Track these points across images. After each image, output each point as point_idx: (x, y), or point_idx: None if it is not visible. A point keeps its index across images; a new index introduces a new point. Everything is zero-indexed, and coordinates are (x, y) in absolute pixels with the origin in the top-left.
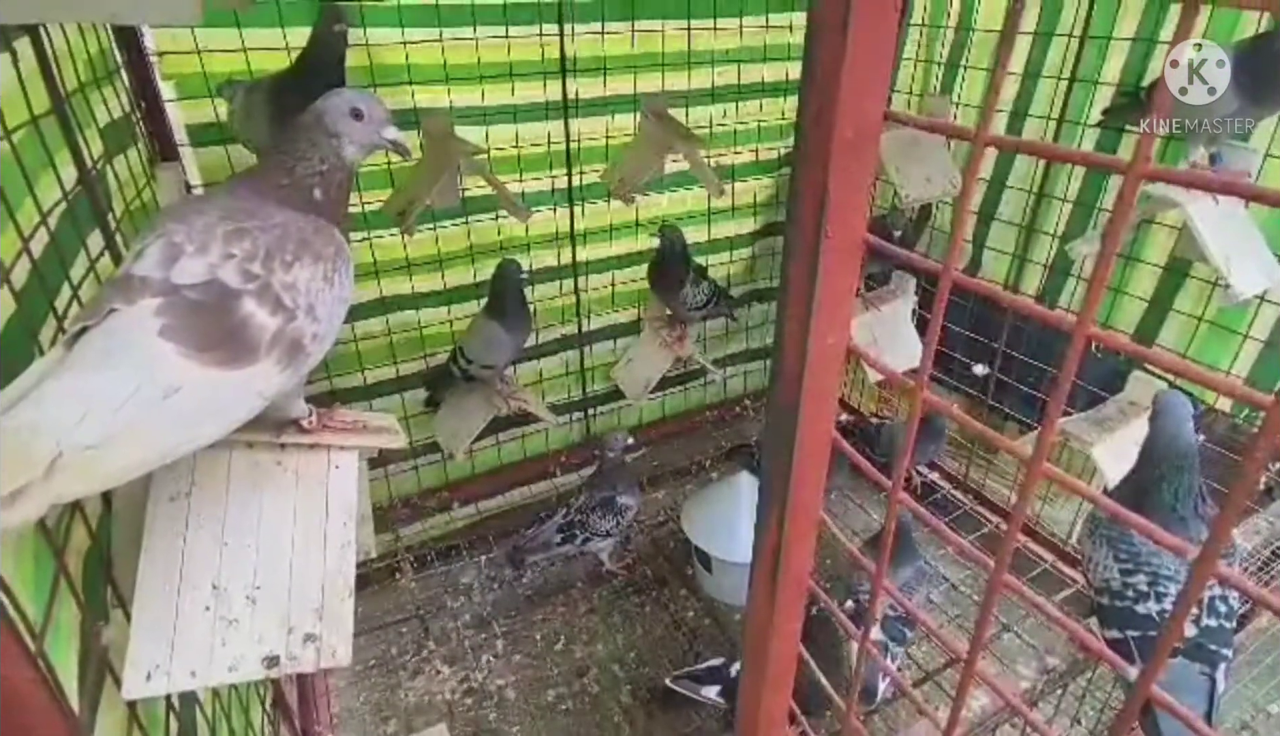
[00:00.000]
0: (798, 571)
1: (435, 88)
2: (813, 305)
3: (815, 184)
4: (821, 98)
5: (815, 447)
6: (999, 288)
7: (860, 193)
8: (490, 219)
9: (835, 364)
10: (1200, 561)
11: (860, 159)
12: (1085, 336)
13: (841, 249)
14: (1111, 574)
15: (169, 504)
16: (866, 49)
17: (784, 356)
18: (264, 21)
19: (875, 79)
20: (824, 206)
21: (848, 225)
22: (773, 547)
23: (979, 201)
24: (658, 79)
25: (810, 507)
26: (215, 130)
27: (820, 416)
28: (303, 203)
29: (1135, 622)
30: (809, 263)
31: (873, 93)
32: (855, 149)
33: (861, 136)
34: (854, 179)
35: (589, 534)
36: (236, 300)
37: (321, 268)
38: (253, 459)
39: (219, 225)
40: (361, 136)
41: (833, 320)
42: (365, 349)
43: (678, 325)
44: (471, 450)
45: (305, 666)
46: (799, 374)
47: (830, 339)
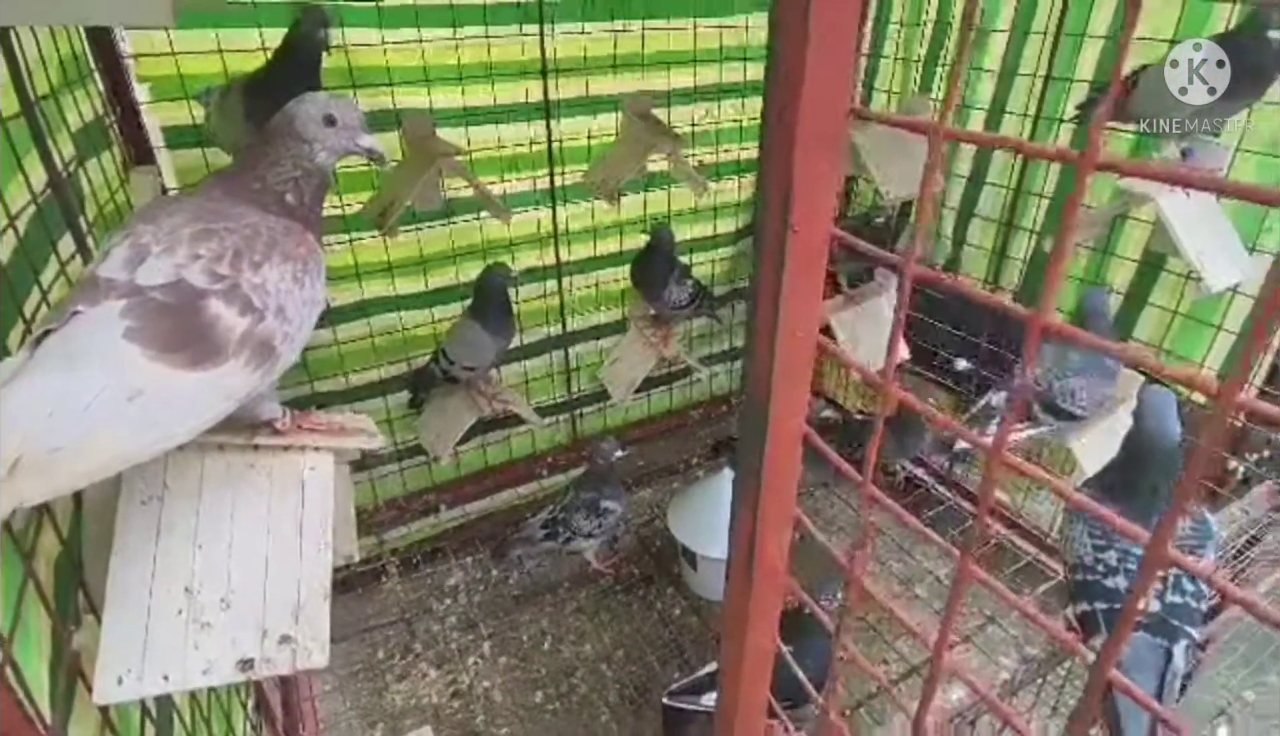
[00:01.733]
0: (773, 564)
1: (415, 89)
2: (781, 300)
3: (781, 181)
4: (785, 96)
5: (787, 440)
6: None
7: (826, 189)
8: (473, 220)
9: (805, 357)
10: (1151, 546)
11: (825, 155)
12: (1040, 327)
13: (808, 244)
14: (1085, 550)
15: (140, 507)
16: (828, 47)
17: (755, 351)
18: (240, 23)
19: (838, 76)
20: (789, 202)
21: (814, 221)
22: (747, 540)
23: (958, 199)
24: (639, 79)
25: (784, 500)
26: (192, 133)
27: (791, 409)
28: (275, 206)
29: (1104, 596)
30: (776, 258)
31: (835, 90)
32: (819, 146)
33: (826, 133)
34: (819, 175)
35: (572, 533)
36: (203, 301)
37: (291, 268)
38: (225, 461)
39: (187, 226)
40: (334, 143)
41: (801, 314)
42: (347, 352)
43: (662, 324)
44: (457, 452)
45: (281, 669)
46: (769, 367)
47: (800, 333)
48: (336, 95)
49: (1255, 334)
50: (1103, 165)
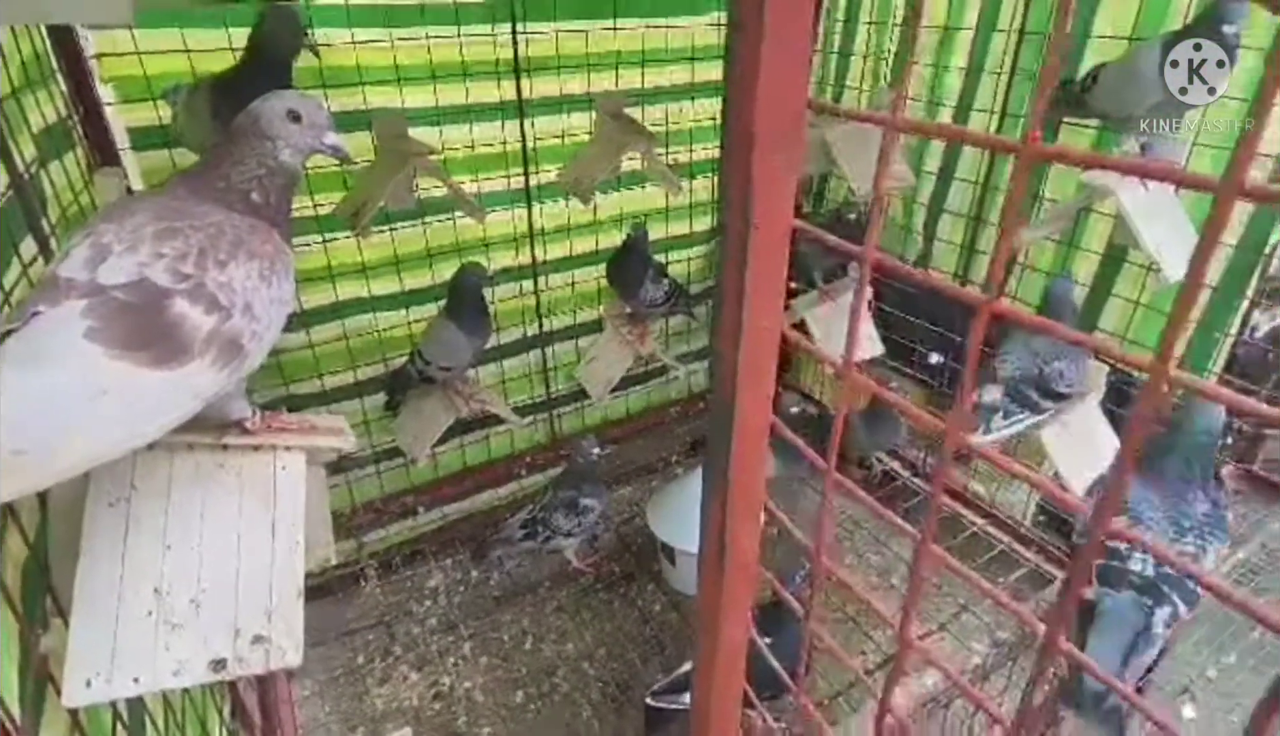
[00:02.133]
0: (744, 555)
1: (387, 89)
2: (745, 292)
3: (741, 177)
4: (742, 93)
5: (753, 434)
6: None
7: (785, 182)
8: (447, 220)
9: (769, 351)
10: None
11: (783, 150)
12: (990, 312)
13: (769, 237)
14: None
15: (108, 509)
16: (783, 44)
17: (720, 344)
18: (206, 22)
19: (794, 73)
20: (750, 198)
21: (774, 214)
22: (717, 534)
23: (928, 194)
24: (612, 78)
25: (752, 492)
26: (158, 133)
27: (757, 403)
28: (240, 204)
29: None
30: (739, 249)
31: (792, 86)
32: (778, 141)
33: (783, 128)
34: (778, 170)
35: (551, 531)
36: (167, 299)
37: (258, 266)
38: (195, 461)
39: (150, 225)
40: (299, 141)
41: (765, 306)
42: (322, 354)
43: (639, 323)
44: (435, 453)
45: (255, 668)
46: (734, 362)
47: (764, 324)
48: (303, 93)
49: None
50: (1041, 154)
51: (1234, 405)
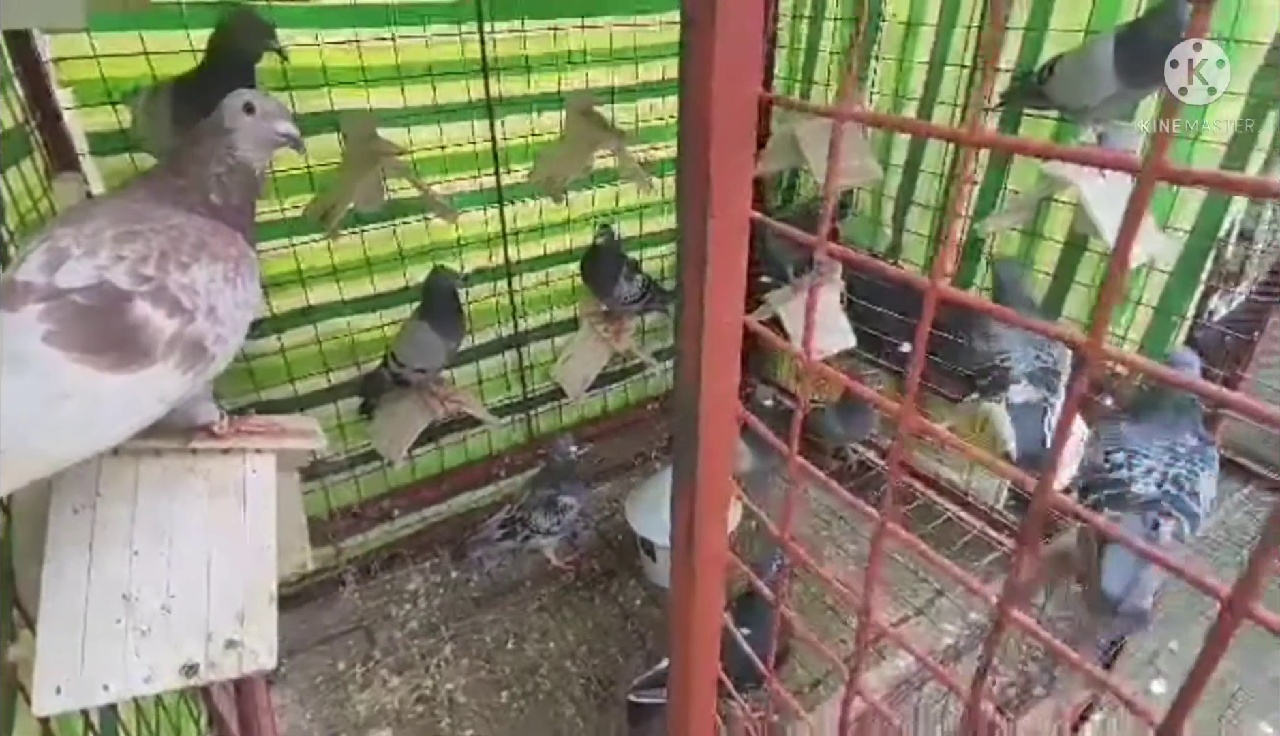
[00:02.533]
0: (714, 546)
1: (353, 90)
2: (706, 283)
3: (699, 169)
4: (697, 87)
5: (720, 425)
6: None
7: (742, 174)
8: (418, 221)
9: (732, 342)
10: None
11: (738, 141)
12: (937, 296)
13: (728, 229)
14: (1099, 459)
15: (72, 516)
16: (735, 38)
17: (684, 336)
18: (166, 24)
19: (747, 64)
20: (708, 189)
21: (732, 206)
22: (687, 526)
23: (895, 187)
24: (582, 76)
25: (720, 484)
26: (119, 138)
27: (722, 394)
28: (201, 207)
29: (1108, 485)
30: (699, 242)
31: (745, 80)
32: (732, 133)
33: (737, 121)
34: (734, 160)
35: (530, 531)
36: (128, 302)
37: (221, 268)
38: (162, 466)
39: (109, 228)
40: (254, 131)
41: (727, 297)
42: (294, 358)
43: (614, 320)
44: (412, 456)
45: (227, 673)
46: (697, 354)
47: (727, 317)
48: (258, 91)
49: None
50: (983, 142)
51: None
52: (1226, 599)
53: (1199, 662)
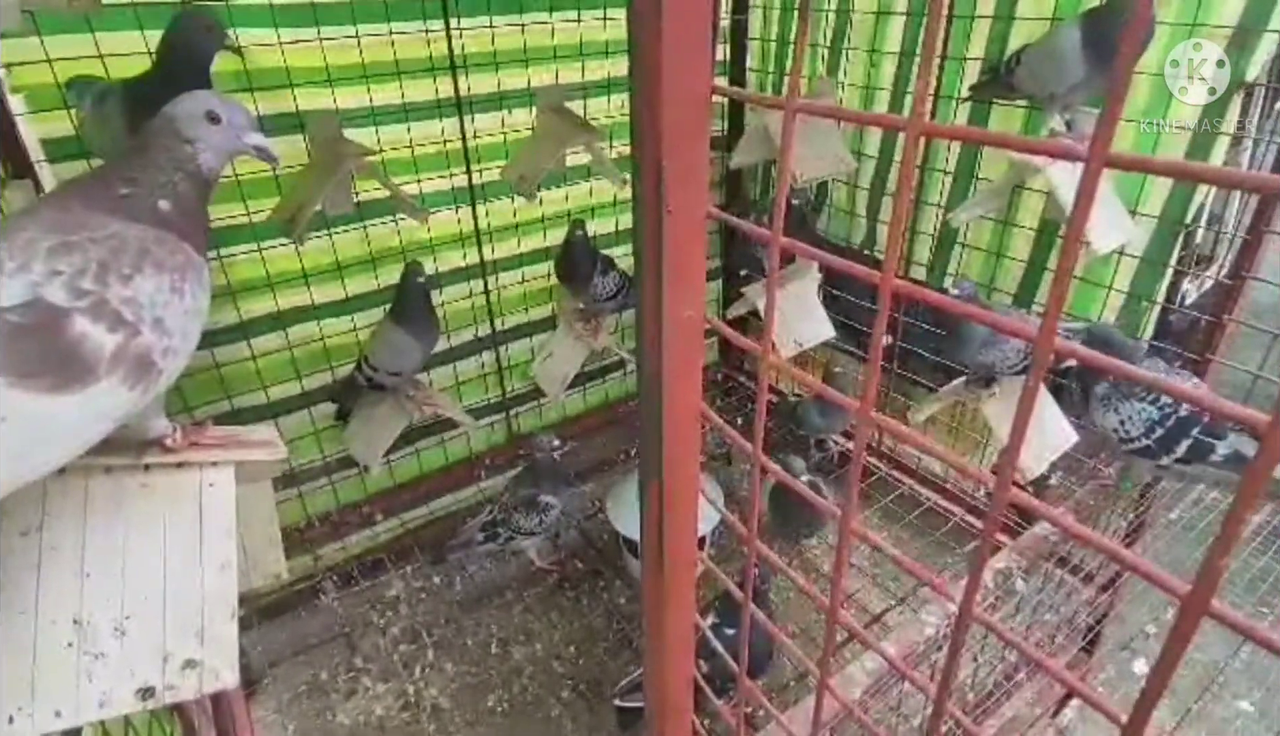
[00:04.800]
0: (683, 545)
1: (318, 90)
2: (663, 280)
3: (651, 162)
4: (646, 79)
5: (684, 420)
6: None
7: (697, 167)
8: (389, 222)
9: (694, 336)
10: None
11: (691, 135)
12: (890, 290)
13: (684, 223)
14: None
15: (20, 539)
16: (682, 30)
17: (644, 332)
18: (120, 24)
19: (696, 58)
20: (661, 183)
21: (688, 200)
22: (656, 523)
23: (869, 178)
24: (551, 72)
25: (687, 481)
26: (74, 143)
27: (685, 389)
28: (146, 216)
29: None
30: (655, 239)
31: (694, 72)
32: (684, 126)
33: (689, 114)
34: (688, 155)
35: (512, 532)
36: (66, 319)
37: (168, 278)
38: (113, 483)
39: (43, 240)
40: (220, 141)
41: (685, 293)
42: (265, 365)
43: (591, 317)
44: (390, 461)
45: (186, 694)
46: (658, 348)
47: (686, 312)
48: (220, 94)
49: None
50: (928, 131)
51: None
52: (1185, 598)
53: (1161, 659)
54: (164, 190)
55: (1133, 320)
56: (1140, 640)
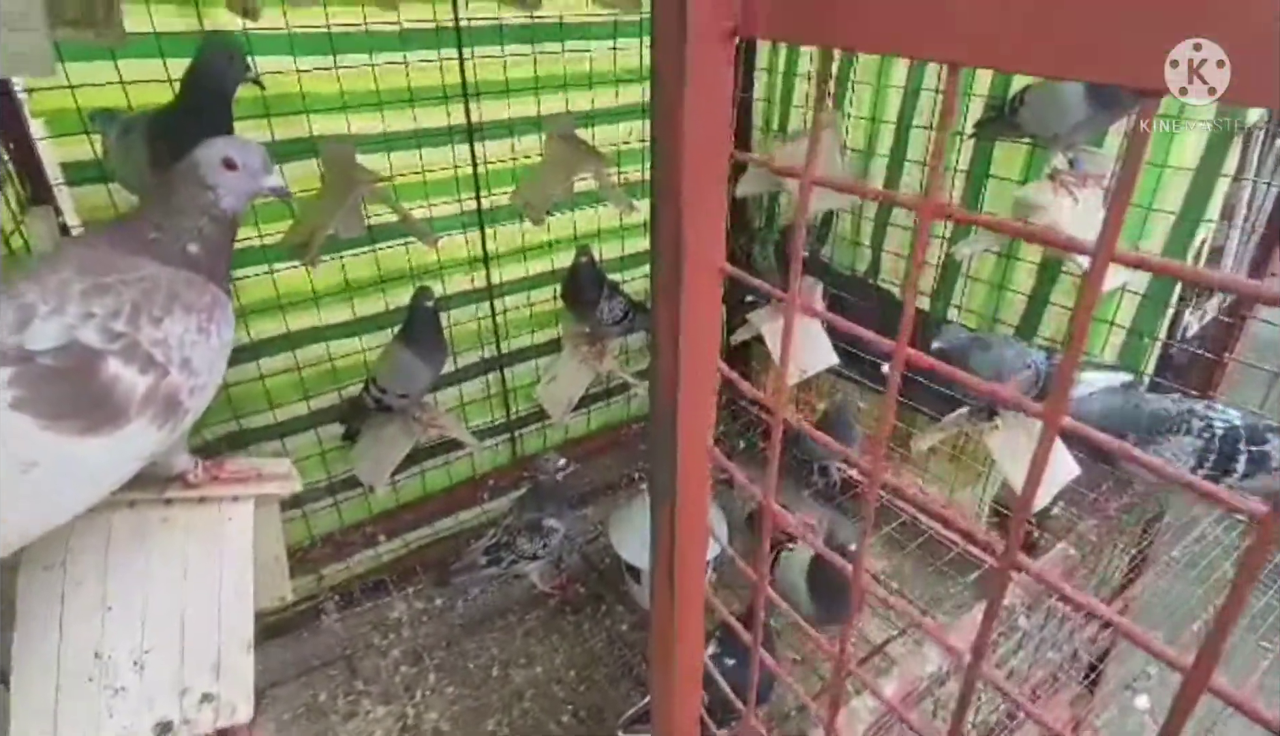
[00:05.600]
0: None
1: (333, 116)
2: (680, 332)
3: (671, 221)
4: (668, 143)
5: (695, 461)
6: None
7: (714, 226)
8: (399, 245)
9: (708, 383)
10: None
11: (709, 195)
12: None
13: (701, 279)
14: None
15: (43, 573)
16: (704, 96)
17: (659, 380)
18: (142, 52)
19: (716, 122)
20: (680, 241)
21: (704, 257)
22: (667, 561)
23: (874, 209)
24: (561, 100)
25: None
26: (94, 167)
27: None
28: (175, 258)
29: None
30: (673, 294)
31: (714, 135)
32: (703, 187)
33: (708, 175)
34: (706, 214)
35: (515, 556)
36: (100, 361)
37: (195, 319)
38: (136, 518)
39: (77, 281)
40: (239, 186)
41: (701, 344)
42: (274, 386)
43: (597, 341)
44: (394, 481)
45: (203, 728)
46: (674, 394)
47: (700, 362)
48: (237, 138)
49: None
50: (940, 212)
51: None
52: (1187, 672)
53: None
54: (191, 234)
55: (1134, 356)
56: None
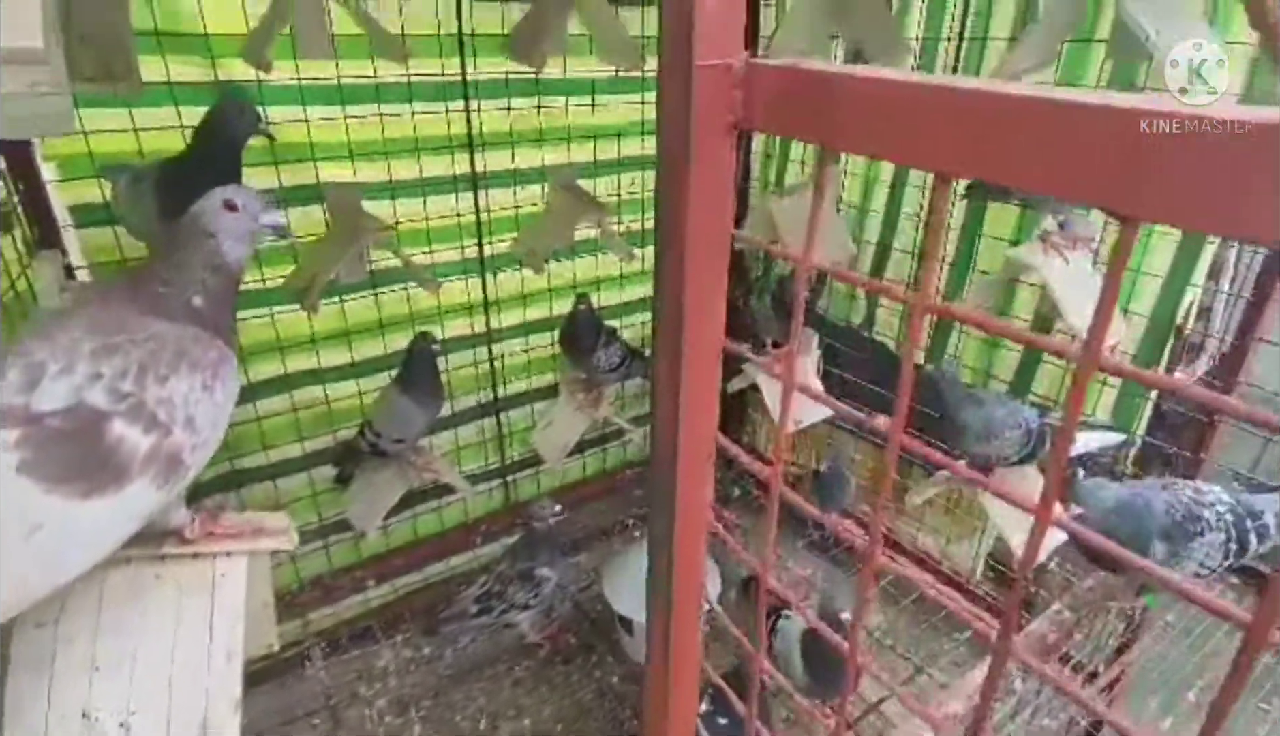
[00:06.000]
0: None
1: (339, 163)
2: (681, 406)
3: (673, 299)
4: (672, 227)
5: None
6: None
7: (716, 303)
8: (400, 290)
9: (706, 449)
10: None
11: (711, 274)
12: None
13: (702, 354)
14: (1219, 537)
15: (35, 631)
16: (708, 183)
17: (658, 445)
18: (155, 101)
19: (718, 206)
20: (682, 318)
21: (705, 333)
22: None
23: (869, 264)
24: (564, 150)
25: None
26: (102, 210)
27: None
28: (181, 312)
29: None
30: (674, 366)
31: (717, 217)
32: (705, 267)
33: (710, 256)
34: (707, 292)
35: (507, 605)
36: (106, 423)
37: (200, 377)
38: (129, 574)
39: (86, 341)
40: (238, 227)
41: (700, 415)
42: (269, 427)
43: (593, 387)
44: (386, 525)
45: None
46: (673, 459)
47: (699, 432)
48: (237, 185)
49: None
50: (932, 309)
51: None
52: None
53: None
54: (196, 287)
55: (1126, 415)
56: None
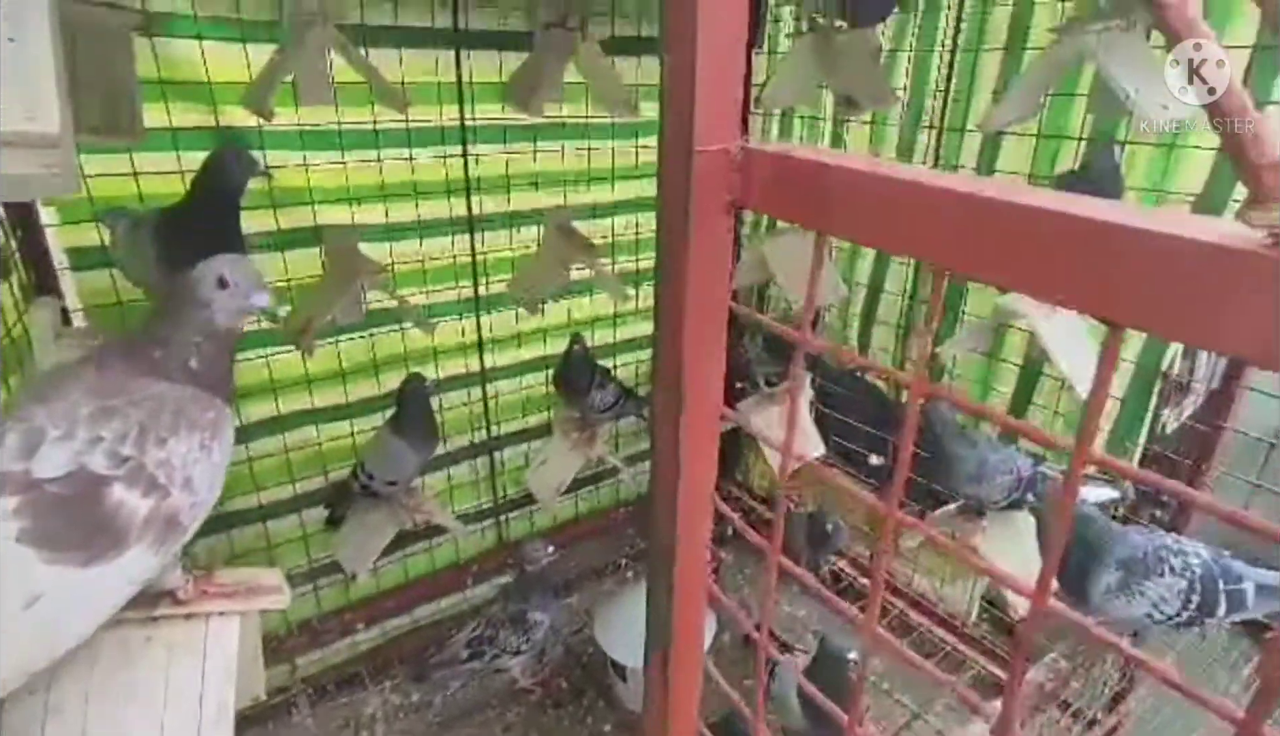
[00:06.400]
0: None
1: (337, 207)
2: (680, 464)
3: (672, 364)
4: (672, 302)
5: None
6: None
7: (713, 370)
8: (394, 330)
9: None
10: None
11: (709, 338)
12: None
13: (700, 417)
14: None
15: (27, 698)
16: (707, 255)
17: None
18: (157, 147)
19: (716, 281)
20: (682, 382)
21: (704, 397)
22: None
23: (861, 307)
24: (560, 194)
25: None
26: (98, 253)
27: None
28: (178, 374)
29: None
30: (673, 431)
31: (715, 283)
32: (705, 340)
33: (709, 320)
34: (706, 356)
35: (498, 650)
36: (105, 488)
37: (199, 437)
38: (121, 637)
39: (85, 404)
40: (229, 304)
41: (698, 475)
42: (260, 469)
43: (587, 427)
44: (375, 566)
45: None
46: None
47: (697, 491)
48: (233, 257)
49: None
50: (930, 393)
51: None
52: None
53: None
54: (191, 350)
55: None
56: None
